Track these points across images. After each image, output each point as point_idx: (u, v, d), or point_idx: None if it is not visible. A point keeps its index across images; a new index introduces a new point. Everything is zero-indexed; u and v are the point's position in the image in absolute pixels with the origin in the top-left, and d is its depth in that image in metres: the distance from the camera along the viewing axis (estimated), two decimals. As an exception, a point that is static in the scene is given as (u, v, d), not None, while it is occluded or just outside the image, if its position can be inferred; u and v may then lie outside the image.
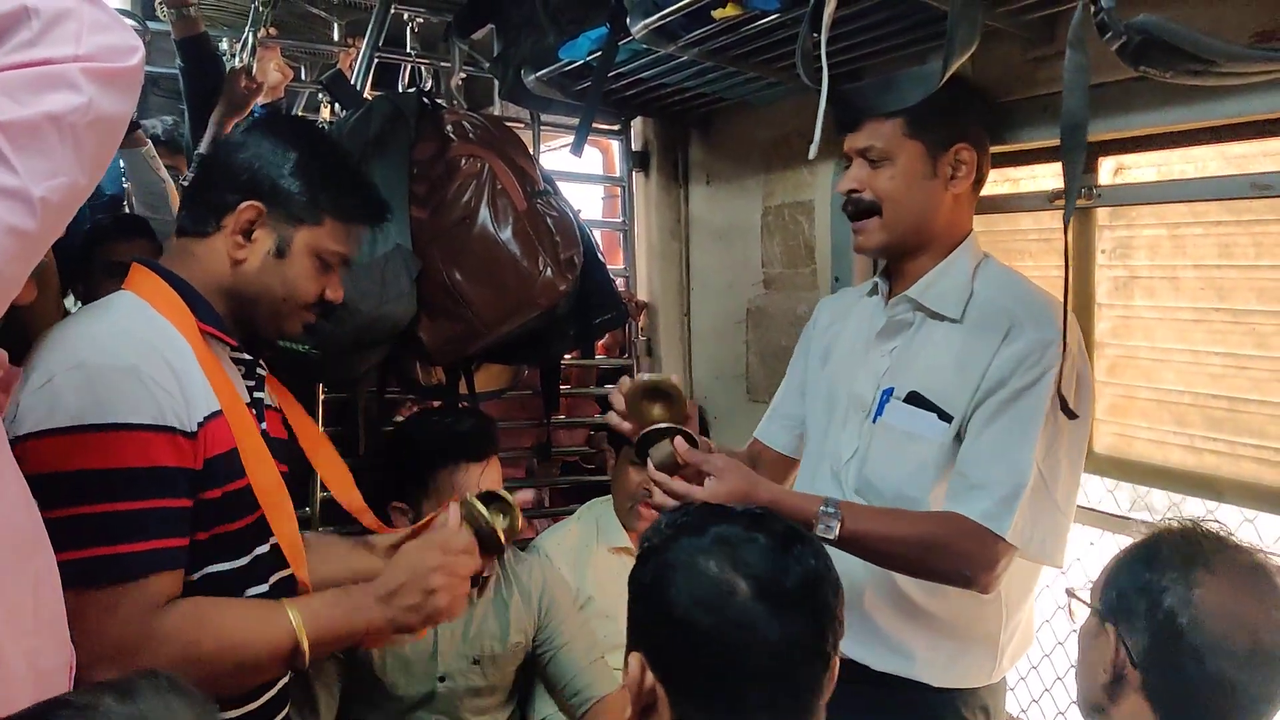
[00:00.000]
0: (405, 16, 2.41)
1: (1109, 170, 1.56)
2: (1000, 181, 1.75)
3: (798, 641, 0.87)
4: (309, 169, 1.25)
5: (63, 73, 0.90)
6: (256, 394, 1.30)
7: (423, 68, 2.54)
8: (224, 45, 2.83)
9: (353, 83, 2.28)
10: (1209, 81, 0.95)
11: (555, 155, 2.90)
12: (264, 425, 1.28)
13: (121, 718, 0.64)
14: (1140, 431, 1.53)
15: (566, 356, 2.44)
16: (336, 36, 2.83)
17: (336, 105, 2.29)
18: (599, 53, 1.90)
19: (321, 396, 2.17)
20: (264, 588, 1.23)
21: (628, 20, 1.73)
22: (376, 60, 2.36)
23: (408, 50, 2.46)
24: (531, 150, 2.37)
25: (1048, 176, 1.65)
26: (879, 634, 1.45)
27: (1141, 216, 1.51)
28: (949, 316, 1.43)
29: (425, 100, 2.14)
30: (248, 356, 1.30)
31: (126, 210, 2.50)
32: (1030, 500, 1.31)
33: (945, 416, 1.39)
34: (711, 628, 0.86)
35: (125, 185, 2.51)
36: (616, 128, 2.61)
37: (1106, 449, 1.56)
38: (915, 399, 1.42)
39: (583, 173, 2.81)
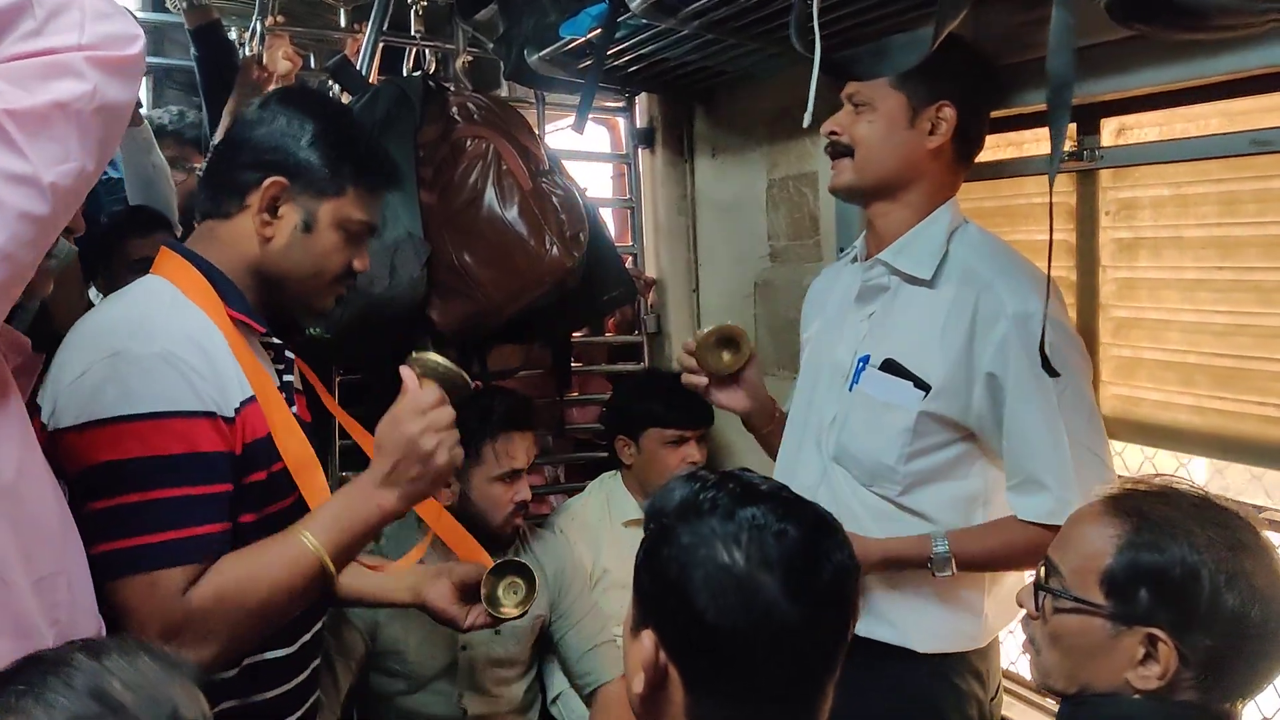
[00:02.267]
0: (409, 1, 2.42)
1: (1111, 131, 1.55)
2: (1004, 146, 1.75)
3: (823, 637, 0.85)
4: (328, 140, 1.24)
5: (68, 61, 0.92)
6: (286, 377, 1.32)
7: (428, 51, 2.55)
8: (233, 34, 2.85)
9: (359, 68, 2.29)
10: (1202, 35, 0.94)
11: (563, 134, 2.90)
12: (294, 409, 1.29)
13: (90, 671, 0.67)
14: (1147, 393, 1.52)
15: (576, 334, 2.46)
16: (343, 23, 2.84)
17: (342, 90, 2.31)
18: (600, 29, 1.90)
19: (337, 379, 2.20)
20: None
21: (628, -5, 1.73)
22: (382, 45, 2.37)
23: (412, 34, 2.47)
24: (537, 130, 2.38)
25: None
26: (864, 601, 1.47)
27: (1145, 177, 1.50)
28: (920, 278, 1.44)
29: (430, 83, 2.15)
30: (276, 341, 1.30)
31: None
32: (1082, 473, 1.32)
33: (921, 385, 1.40)
34: (735, 626, 0.82)
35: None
36: (621, 104, 2.62)
37: (1113, 411, 1.56)
38: (891, 366, 1.43)
39: (589, 151, 2.81)
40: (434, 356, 1.24)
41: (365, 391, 2.28)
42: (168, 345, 1.09)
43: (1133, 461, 1.66)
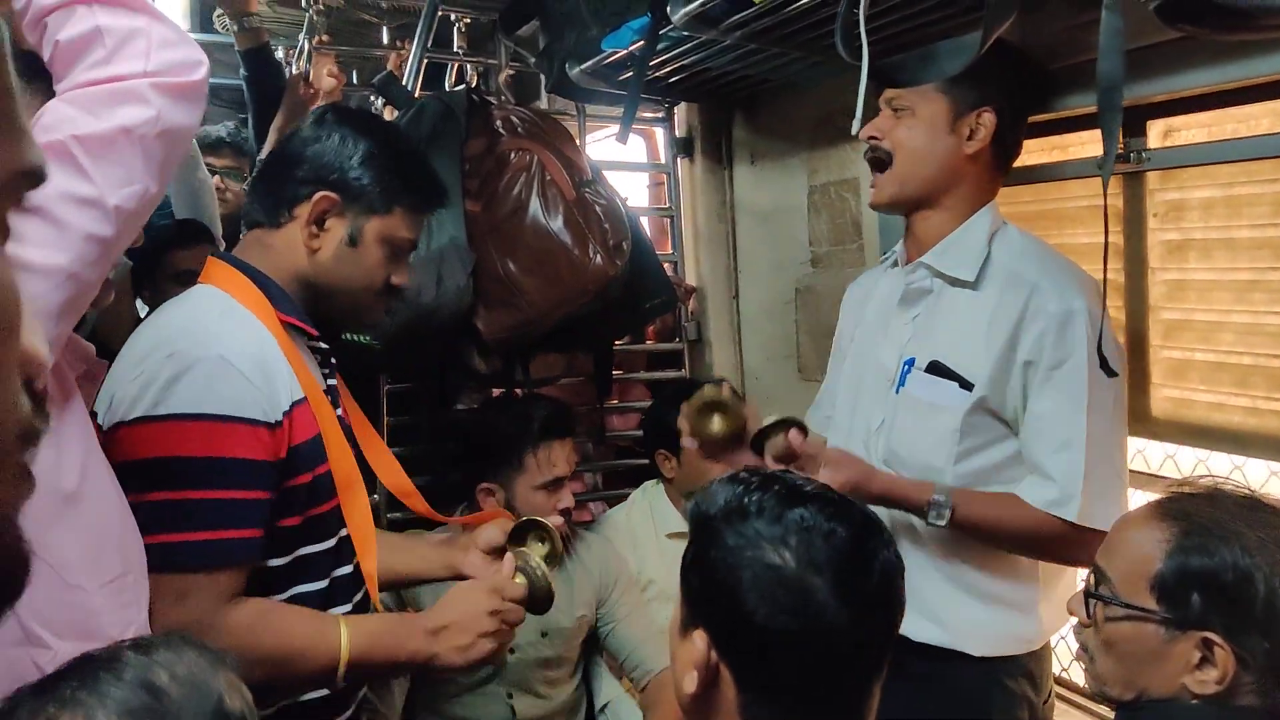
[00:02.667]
0: (452, 17, 2.47)
1: (1158, 133, 1.54)
2: (1049, 149, 1.74)
3: (872, 637, 0.85)
4: (379, 159, 1.28)
5: (134, 88, 0.96)
6: (330, 381, 1.35)
7: (469, 65, 2.59)
8: (280, 53, 2.91)
9: (404, 84, 2.34)
10: (1249, 36, 0.94)
11: (600, 144, 2.93)
12: (339, 411, 1.32)
13: (139, 665, 0.71)
14: (1200, 395, 1.51)
15: (617, 342, 2.48)
16: (386, 40, 2.90)
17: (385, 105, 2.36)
18: (642, 42, 1.93)
19: (385, 388, 2.24)
20: (349, 568, 1.27)
21: (669, 9, 1.75)
22: (426, 60, 2.41)
23: (455, 50, 2.52)
24: (578, 141, 2.41)
25: (1096, 143, 1.63)
26: (917, 604, 1.45)
27: (1193, 179, 1.50)
28: (963, 279, 1.44)
29: (474, 97, 2.19)
30: (324, 345, 1.33)
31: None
32: (1093, 472, 1.32)
33: (966, 385, 1.40)
34: (786, 628, 0.82)
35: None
36: (660, 114, 2.64)
37: (1164, 413, 1.55)
38: (936, 368, 1.44)
39: (628, 161, 2.84)
40: (536, 559, 1.33)
41: (413, 400, 2.32)
42: (221, 350, 1.12)
43: (1186, 464, 1.65)
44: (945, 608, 1.45)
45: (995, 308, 1.40)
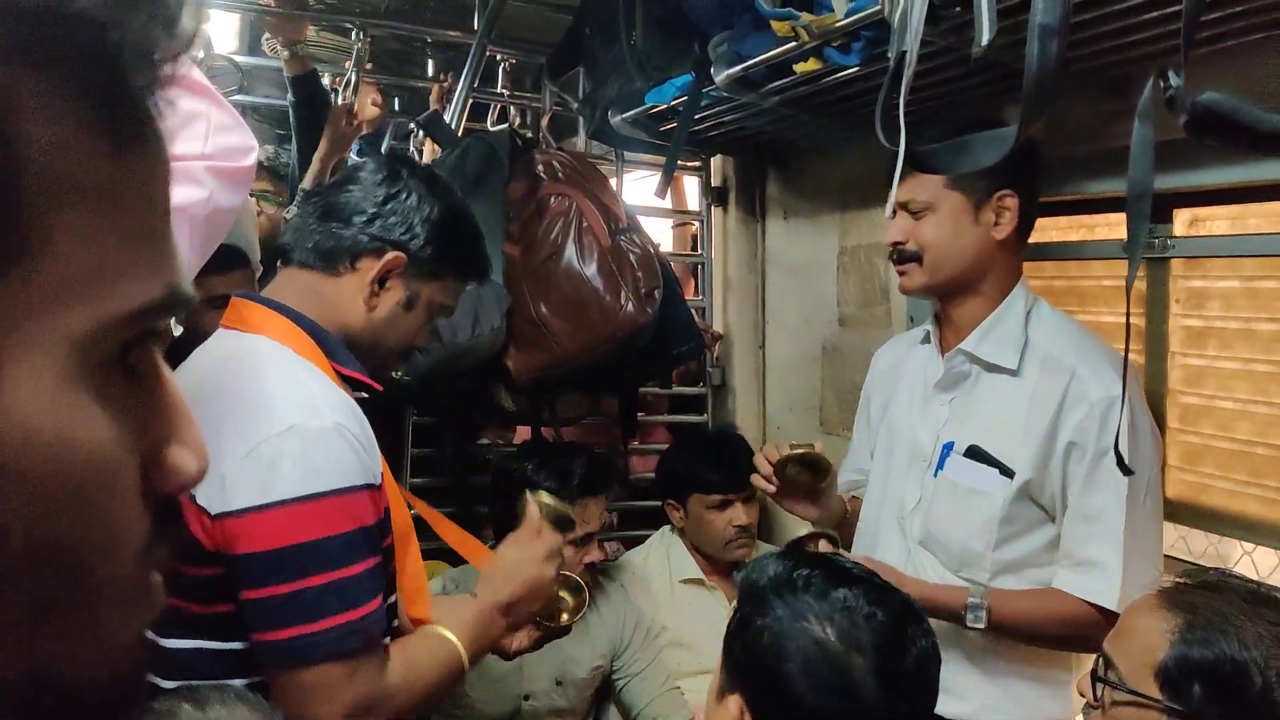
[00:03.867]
0: (498, 57, 2.54)
1: (1184, 221, 1.58)
2: (1075, 229, 1.78)
3: (904, 717, 0.89)
4: (444, 226, 1.26)
5: (190, 169, 1.01)
6: None
7: (514, 107, 2.66)
8: (326, 80, 2.99)
9: (447, 118, 2.40)
10: (1274, 154, 0.98)
11: (635, 184, 2.99)
12: None
13: (194, 718, 0.73)
14: (1215, 480, 1.54)
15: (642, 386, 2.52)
16: (430, 72, 2.97)
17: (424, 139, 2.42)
18: (683, 98, 1.98)
19: (411, 420, 2.29)
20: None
21: (712, 70, 1.81)
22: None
23: (499, 90, 2.59)
24: (616, 186, 2.47)
25: (1121, 224, 1.67)
26: (949, 681, 1.48)
27: (1216, 268, 1.53)
28: (1006, 368, 1.44)
29: (517, 140, 2.25)
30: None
31: None
32: (1130, 560, 1.34)
33: (1007, 472, 1.41)
34: (824, 703, 0.86)
35: None
36: (698, 164, 2.70)
37: (1179, 495, 1.57)
38: (975, 453, 1.45)
39: (659, 206, 2.89)
40: (547, 499, 1.37)
41: (438, 434, 2.37)
42: (336, 418, 1.07)
43: (1197, 547, 1.67)
44: (978, 683, 1.46)
45: (1034, 393, 1.40)
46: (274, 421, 1.03)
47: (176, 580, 1.04)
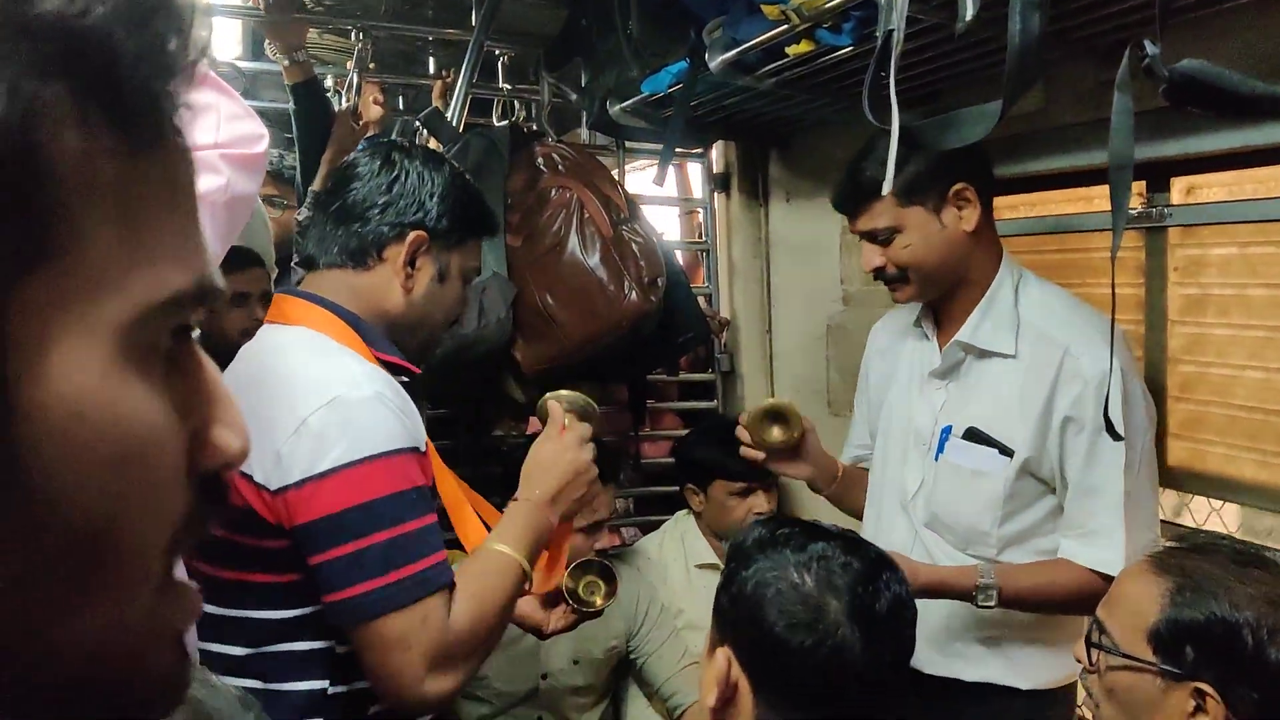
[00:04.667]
0: (497, 52, 2.56)
1: (1180, 190, 1.59)
2: (1075, 200, 1.79)
3: (880, 661, 0.93)
4: (452, 194, 1.29)
5: (205, 158, 1.05)
6: None
7: (516, 100, 2.68)
8: (328, 82, 3.01)
9: (449, 116, 2.43)
10: (1251, 120, 0.99)
11: (635, 176, 3.00)
12: None
13: None
14: (1213, 446, 1.55)
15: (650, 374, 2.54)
16: (432, 69, 2.99)
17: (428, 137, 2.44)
18: (680, 85, 2.00)
19: (425, 412, 2.33)
20: None
21: (706, 56, 1.83)
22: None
23: (499, 85, 2.61)
24: (617, 175, 2.49)
25: (1120, 196, 1.68)
26: (969, 646, 1.51)
27: (1212, 236, 1.54)
28: (1004, 353, 1.46)
29: (523, 129, 2.28)
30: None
31: None
32: (1132, 527, 1.36)
33: (1006, 451, 1.43)
34: (802, 643, 0.91)
35: None
36: (698, 151, 2.72)
37: (1179, 462, 1.58)
38: (974, 435, 1.47)
39: (663, 195, 2.91)
40: (568, 393, 1.39)
41: (451, 426, 2.40)
42: (376, 387, 1.12)
43: (1199, 512, 1.68)
44: (999, 648, 1.50)
45: (1028, 371, 1.42)
46: (318, 396, 1.09)
47: (246, 554, 1.10)
